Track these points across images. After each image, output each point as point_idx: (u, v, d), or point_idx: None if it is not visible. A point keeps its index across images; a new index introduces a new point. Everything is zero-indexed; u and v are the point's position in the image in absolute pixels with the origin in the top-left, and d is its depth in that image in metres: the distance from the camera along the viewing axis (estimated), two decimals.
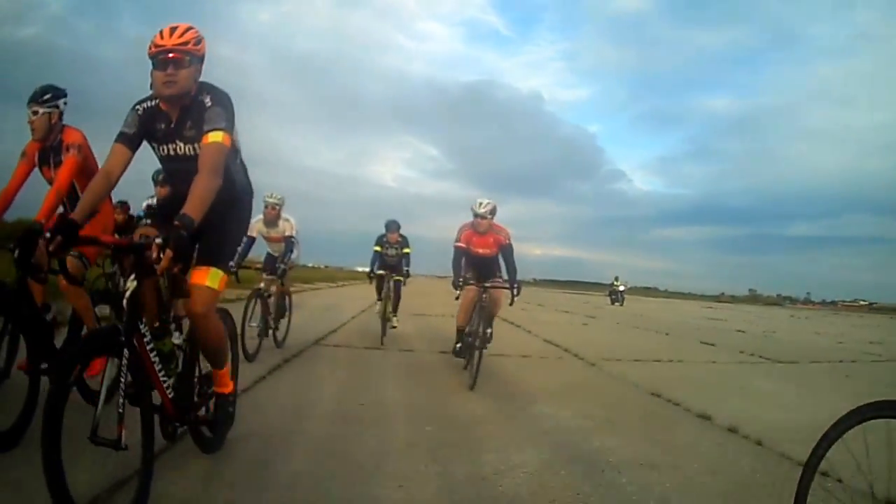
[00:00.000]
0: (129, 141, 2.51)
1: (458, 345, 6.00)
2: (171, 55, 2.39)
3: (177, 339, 6.26)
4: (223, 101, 2.49)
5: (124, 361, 2.11)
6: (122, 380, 2.08)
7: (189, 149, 2.56)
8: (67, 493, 1.88)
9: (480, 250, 5.89)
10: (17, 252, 3.05)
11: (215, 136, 2.39)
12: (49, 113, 3.51)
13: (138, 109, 2.56)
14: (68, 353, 2.04)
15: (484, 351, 5.41)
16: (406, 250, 8.44)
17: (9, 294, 3.02)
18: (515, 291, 5.64)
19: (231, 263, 2.78)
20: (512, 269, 5.79)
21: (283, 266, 6.56)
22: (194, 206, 2.22)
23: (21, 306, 3.08)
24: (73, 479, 1.93)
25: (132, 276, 2.25)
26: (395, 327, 8.41)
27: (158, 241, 2.04)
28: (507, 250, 5.82)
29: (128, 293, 2.22)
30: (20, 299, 3.08)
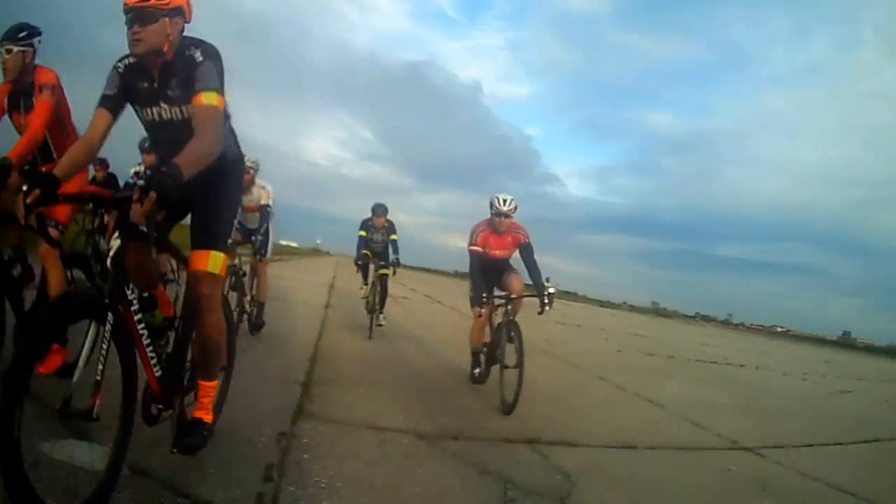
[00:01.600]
0: (111, 103, 2.32)
1: (477, 370, 5.28)
2: (135, 12, 2.22)
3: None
4: (214, 56, 2.30)
5: (108, 326, 1.90)
6: (105, 346, 1.88)
7: (176, 112, 2.36)
8: (28, 482, 1.63)
9: (497, 252, 5.19)
10: None
11: (209, 98, 2.21)
12: (23, 52, 3.26)
13: (119, 67, 2.35)
14: (44, 315, 1.77)
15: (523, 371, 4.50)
16: (393, 236, 8.08)
17: None
18: (546, 299, 4.89)
19: (229, 241, 2.53)
20: (536, 270, 5.07)
21: (259, 238, 5.96)
22: (186, 161, 2.00)
23: None
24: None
25: (116, 234, 2.07)
26: (381, 325, 8.00)
27: (141, 182, 1.84)
28: (527, 250, 5.11)
29: (111, 252, 2.04)
30: None
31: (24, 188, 1.92)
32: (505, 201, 5.02)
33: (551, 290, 4.97)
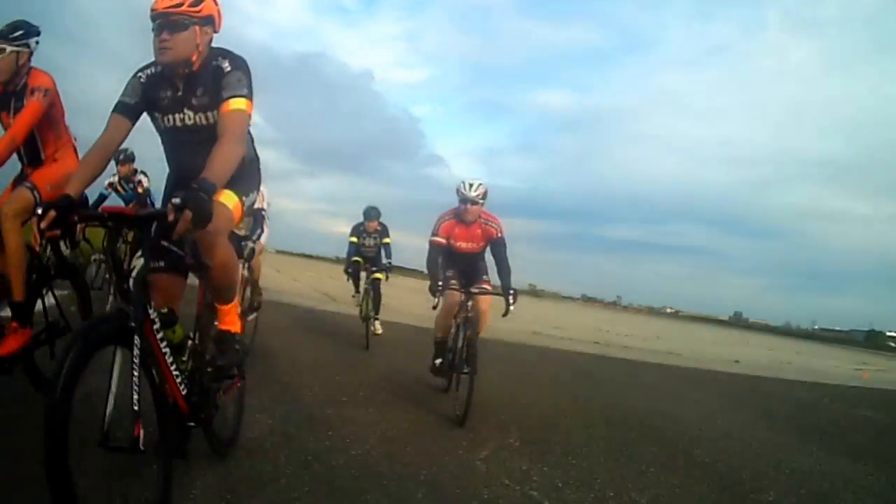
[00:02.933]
0: (129, 111, 2.29)
1: (438, 360, 4.83)
2: (163, 19, 2.19)
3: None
4: (243, 66, 2.29)
5: (136, 352, 1.82)
6: (135, 373, 1.79)
7: (200, 118, 2.34)
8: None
9: (464, 245, 4.75)
10: None
11: (237, 104, 2.20)
12: (17, 52, 3.11)
13: (140, 77, 2.33)
14: (78, 344, 1.69)
15: (475, 377, 4.12)
16: (386, 240, 7.73)
17: None
18: (511, 299, 4.45)
19: (244, 199, 2.44)
20: (505, 269, 4.60)
21: (251, 245, 5.33)
22: (215, 171, 1.98)
23: None
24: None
25: (138, 253, 2.00)
26: (378, 333, 7.66)
27: (177, 200, 1.77)
28: (498, 246, 4.66)
29: (135, 272, 1.94)
30: None
31: (39, 212, 1.85)
32: (471, 186, 4.54)
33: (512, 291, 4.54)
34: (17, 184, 3.23)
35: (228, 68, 2.27)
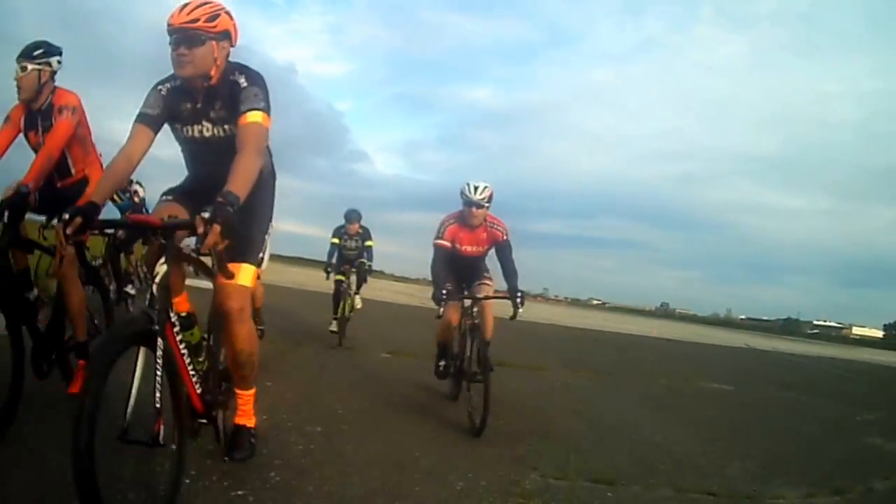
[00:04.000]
0: (152, 122, 2.37)
1: (442, 363, 4.72)
2: (180, 34, 2.27)
3: (130, 289, 5.67)
4: (259, 82, 2.38)
5: (159, 353, 1.94)
6: (158, 372, 1.92)
7: (217, 130, 2.43)
8: (97, 490, 1.67)
9: (468, 248, 4.59)
10: (6, 216, 2.90)
11: (255, 116, 2.28)
12: (39, 70, 3.17)
13: (161, 89, 2.41)
14: (106, 346, 1.81)
15: (490, 385, 3.93)
16: (368, 243, 7.72)
17: None
18: (519, 302, 4.26)
19: (260, 255, 2.60)
20: (512, 272, 4.42)
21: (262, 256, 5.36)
22: (238, 184, 2.06)
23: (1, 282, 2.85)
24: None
25: (161, 260, 2.09)
26: (358, 307, 7.69)
27: (205, 214, 1.87)
28: (504, 249, 4.50)
29: (158, 278, 2.06)
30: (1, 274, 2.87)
31: (66, 217, 1.95)
32: (476, 189, 4.37)
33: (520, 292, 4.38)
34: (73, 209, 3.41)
35: (245, 84, 2.34)
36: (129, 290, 6.75)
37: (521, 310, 4.30)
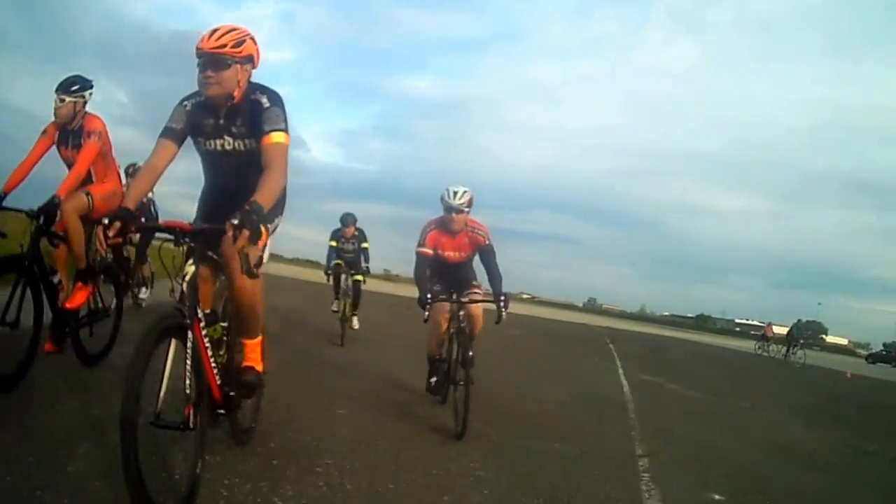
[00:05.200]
0: (176, 136, 2.54)
1: (433, 379, 4.65)
2: (208, 58, 2.43)
3: (143, 294, 6.29)
4: (279, 103, 2.55)
5: (189, 344, 2.13)
6: (188, 362, 2.10)
7: (238, 144, 2.60)
8: (142, 478, 1.86)
9: (451, 254, 4.54)
10: (41, 219, 3.49)
11: (278, 137, 2.45)
12: (75, 102, 3.80)
13: (186, 105, 2.58)
14: (146, 336, 1.99)
15: (470, 387, 3.98)
16: (364, 245, 8.01)
17: (24, 257, 3.35)
18: (503, 305, 4.26)
19: (265, 259, 2.71)
20: (496, 276, 4.41)
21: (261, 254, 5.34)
22: (264, 196, 2.23)
23: (33, 268, 3.39)
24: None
25: (190, 261, 2.26)
26: (355, 328, 7.98)
27: (235, 221, 2.03)
28: (487, 253, 4.46)
29: (187, 277, 2.24)
30: (34, 262, 3.39)
31: (105, 221, 2.13)
32: (456, 193, 4.31)
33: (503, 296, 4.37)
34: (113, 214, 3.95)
35: (267, 104, 2.50)
36: (142, 294, 7.29)
37: (504, 314, 4.28)
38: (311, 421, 3.78)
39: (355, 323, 8.01)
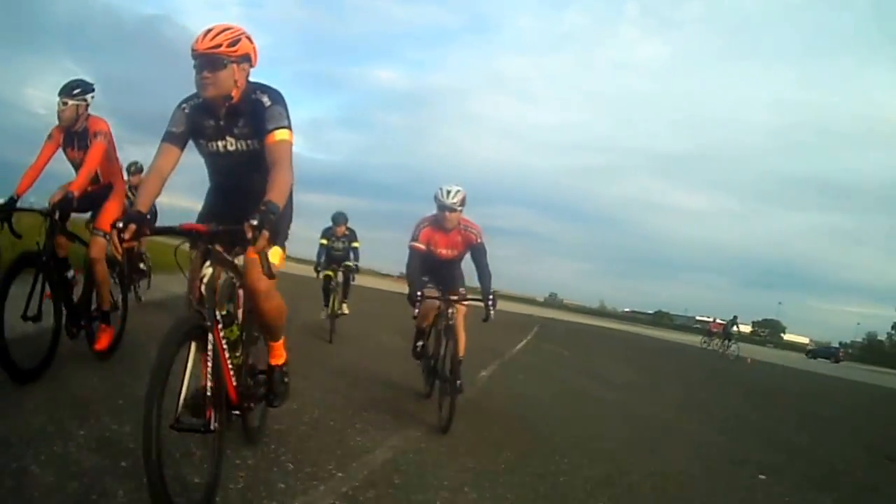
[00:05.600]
0: (177, 139, 2.53)
1: (419, 343, 4.90)
2: (204, 58, 2.41)
3: (143, 289, 5.99)
4: (281, 101, 2.54)
5: (210, 347, 2.14)
6: (209, 365, 2.12)
7: (241, 145, 2.59)
8: (164, 480, 1.86)
9: (444, 251, 4.68)
10: (57, 214, 3.61)
11: (282, 135, 2.46)
12: (77, 105, 3.87)
13: (185, 108, 2.56)
14: (168, 340, 1.97)
15: (458, 395, 4.14)
16: (355, 244, 8.17)
17: (41, 254, 3.51)
18: (491, 304, 4.43)
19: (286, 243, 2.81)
20: (486, 275, 4.57)
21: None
22: (276, 194, 2.24)
23: (49, 263, 3.55)
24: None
25: (207, 263, 2.24)
26: (345, 313, 8.11)
27: (254, 221, 2.03)
28: (479, 252, 4.61)
29: (205, 279, 2.22)
30: (49, 258, 3.55)
31: (120, 225, 2.13)
32: (449, 193, 4.45)
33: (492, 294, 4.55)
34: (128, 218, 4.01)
35: (269, 103, 2.50)
36: (141, 289, 7.42)
37: (492, 312, 4.44)
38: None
39: (345, 308, 8.17)
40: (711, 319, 33.19)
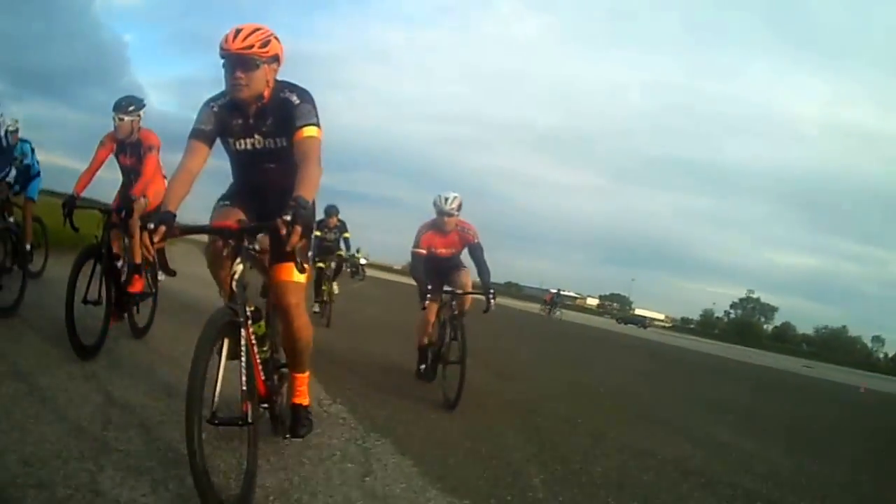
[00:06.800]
0: (206, 137, 2.56)
1: (423, 366, 5.22)
2: (235, 59, 2.43)
3: (161, 277, 5.69)
4: (309, 99, 2.57)
5: (243, 342, 2.20)
6: (243, 359, 2.18)
7: (269, 143, 2.63)
8: (208, 473, 1.95)
9: (443, 251, 5.13)
10: (123, 214, 4.18)
11: (311, 131, 2.48)
12: (133, 120, 4.36)
13: (213, 107, 2.58)
14: (204, 336, 2.05)
15: (465, 366, 4.49)
16: (346, 235, 8.62)
17: (100, 246, 4.00)
18: (491, 296, 4.93)
19: (310, 253, 3.01)
20: (485, 270, 5.07)
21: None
22: (306, 190, 2.25)
23: (105, 255, 4.01)
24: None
25: (238, 260, 2.30)
26: (336, 293, 8.48)
27: (287, 217, 2.06)
28: (476, 250, 5.09)
29: (236, 276, 2.29)
30: (106, 250, 4.03)
31: (151, 226, 2.17)
32: (447, 199, 4.88)
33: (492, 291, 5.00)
34: (124, 196, 4.65)
35: (297, 101, 2.52)
36: (160, 277, 7.66)
37: (493, 304, 4.94)
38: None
39: (336, 288, 8.59)
40: (549, 290, 39.75)
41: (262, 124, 2.61)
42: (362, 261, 30.49)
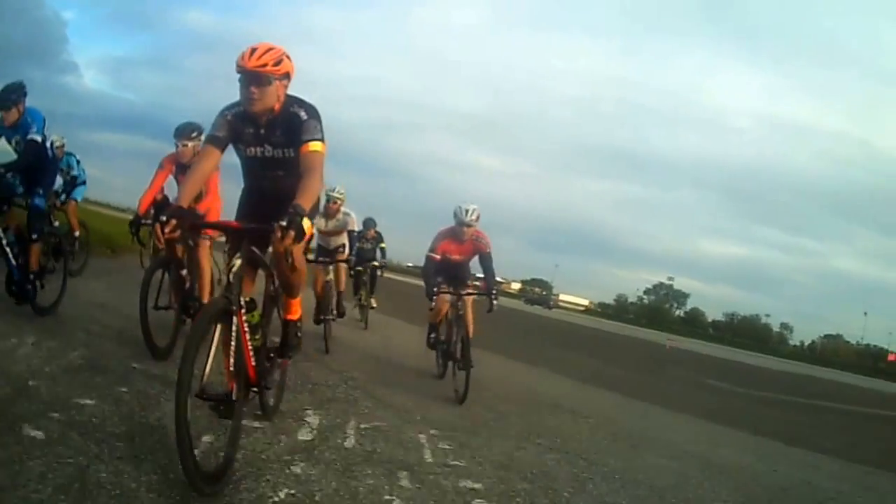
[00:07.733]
0: (219, 143, 2.78)
1: (432, 335, 5.75)
2: (251, 76, 2.63)
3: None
4: (316, 115, 2.77)
5: (234, 328, 2.41)
6: (233, 344, 2.41)
7: (278, 152, 2.84)
8: (191, 442, 2.13)
9: (457, 256, 5.53)
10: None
11: (315, 146, 2.69)
12: (195, 145, 4.60)
13: (227, 115, 2.79)
14: (200, 321, 2.30)
15: (469, 373, 4.85)
16: (382, 245, 9.28)
17: (170, 259, 4.44)
18: (494, 298, 5.32)
19: (352, 258, 3.52)
20: (491, 276, 5.46)
21: (353, 257, 7.03)
22: (305, 199, 2.46)
23: (172, 264, 4.46)
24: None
25: (237, 255, 2.55)
26: (374, 307, 9.13)
27: (283, 223, 2.26)
28: (486, 259, 5.45)
29: (234, 269, 2.50)
30: (173, 259, 4.44)
31: (163, 219, 2.42)
32: (468, 211, 5.21)
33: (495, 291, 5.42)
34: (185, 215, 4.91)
35: (305, 117, 2.72)
36: None
37: (495, 305, 5.33)
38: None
39: (374, 302, 9.15)
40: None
41: (272, 135, 2.81)
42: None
